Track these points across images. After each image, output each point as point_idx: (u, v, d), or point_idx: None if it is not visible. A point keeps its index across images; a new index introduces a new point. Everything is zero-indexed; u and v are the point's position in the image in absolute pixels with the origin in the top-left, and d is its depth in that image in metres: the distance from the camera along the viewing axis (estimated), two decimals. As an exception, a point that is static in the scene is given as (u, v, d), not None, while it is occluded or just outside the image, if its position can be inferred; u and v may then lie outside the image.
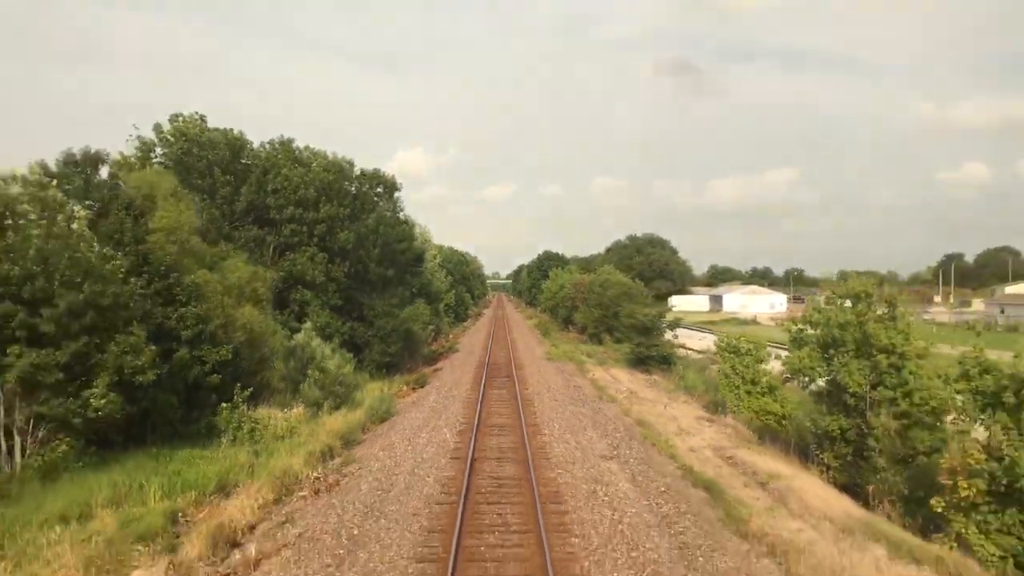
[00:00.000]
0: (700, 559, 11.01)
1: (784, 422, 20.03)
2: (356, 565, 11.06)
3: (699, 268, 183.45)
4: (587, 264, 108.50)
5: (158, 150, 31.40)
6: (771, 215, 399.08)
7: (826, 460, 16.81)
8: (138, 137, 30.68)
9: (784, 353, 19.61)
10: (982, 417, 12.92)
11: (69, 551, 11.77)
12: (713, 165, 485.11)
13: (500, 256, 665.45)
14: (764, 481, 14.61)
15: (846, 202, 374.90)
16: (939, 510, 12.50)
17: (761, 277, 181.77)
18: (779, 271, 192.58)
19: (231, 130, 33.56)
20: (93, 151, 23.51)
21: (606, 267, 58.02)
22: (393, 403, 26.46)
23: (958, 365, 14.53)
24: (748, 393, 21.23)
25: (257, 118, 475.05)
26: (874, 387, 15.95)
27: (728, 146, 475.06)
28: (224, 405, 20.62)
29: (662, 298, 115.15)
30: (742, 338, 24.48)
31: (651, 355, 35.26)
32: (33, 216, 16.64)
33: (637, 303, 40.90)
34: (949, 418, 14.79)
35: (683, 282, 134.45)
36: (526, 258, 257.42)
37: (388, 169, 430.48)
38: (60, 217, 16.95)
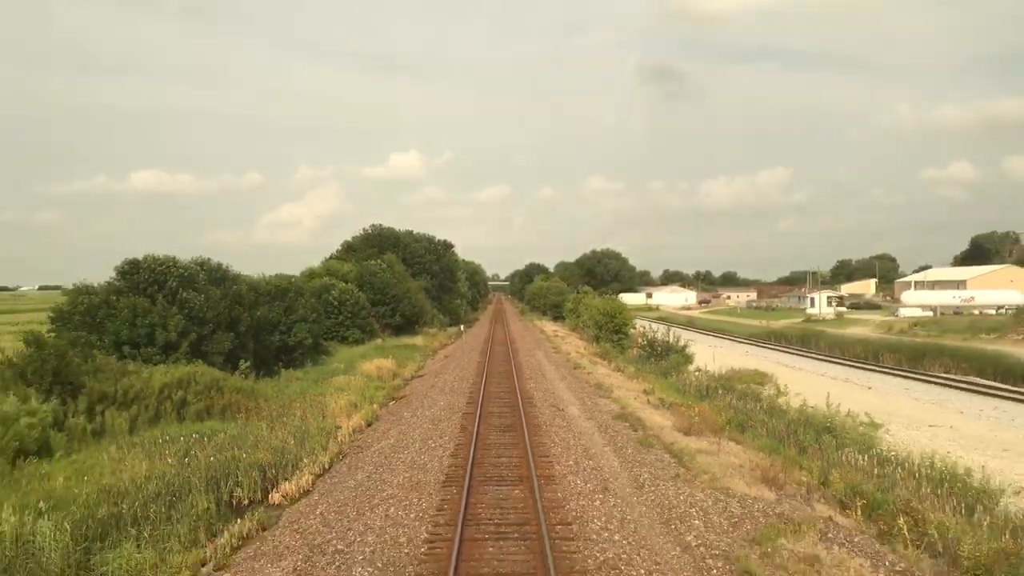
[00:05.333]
0: (532, 334, 61.75)
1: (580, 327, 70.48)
2: (480, 334, 62.29)
3: (691, 269, 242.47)
4: (564, 269, 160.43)
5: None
6: (765, 214, 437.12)
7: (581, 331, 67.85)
8: (362, 232, 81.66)
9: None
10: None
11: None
12: (707, 166, 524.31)
13: (499, 256, 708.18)
14: (555, 330, 65.45)
15: (839, 201, 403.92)
16: (565, 316, 63.33)
17: (701, 279, 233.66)
18: (776, 270, 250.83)
19: (392, 227, 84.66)
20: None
21: (554, 277, 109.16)
22: (465, 329, 77.69)
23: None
24: (574, 319, 71.54)
25: (257, 118, 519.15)
26: (575, 307, 66.54)
27: (720, 147, 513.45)
28: (417, 325, 71.57)
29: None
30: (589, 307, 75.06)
31: (558, 315, 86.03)
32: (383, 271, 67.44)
33: (560, 296, 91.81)
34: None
35: (632, 283, 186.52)
36: (524, 259, 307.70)
37: (382, 172, 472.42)
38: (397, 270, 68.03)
